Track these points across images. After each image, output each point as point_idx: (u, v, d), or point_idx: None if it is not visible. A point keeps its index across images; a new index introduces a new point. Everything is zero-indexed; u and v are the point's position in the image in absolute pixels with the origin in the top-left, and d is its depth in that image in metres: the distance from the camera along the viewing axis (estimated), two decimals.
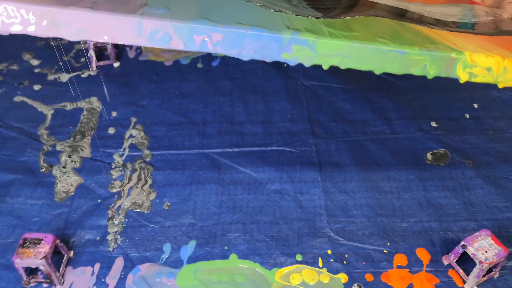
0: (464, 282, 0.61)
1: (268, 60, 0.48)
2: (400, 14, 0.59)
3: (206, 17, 0.45)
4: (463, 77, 0.51)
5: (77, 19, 0.44)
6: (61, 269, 0.62)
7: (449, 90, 0.85)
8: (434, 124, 0.79)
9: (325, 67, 0.48)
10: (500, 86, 0.52)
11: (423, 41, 0.50)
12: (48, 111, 0.83)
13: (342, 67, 0.48)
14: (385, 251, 0.64)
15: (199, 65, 0.89)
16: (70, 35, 0.45)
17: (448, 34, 0.54)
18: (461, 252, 0.60)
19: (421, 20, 0.59)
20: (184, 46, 0.45)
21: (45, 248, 0.59)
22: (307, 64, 0.47)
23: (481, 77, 0.51)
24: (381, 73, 0.49)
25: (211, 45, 0.45)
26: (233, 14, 0.47)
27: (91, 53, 0.88)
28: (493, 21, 0.67)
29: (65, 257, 0.64)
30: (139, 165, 0.75)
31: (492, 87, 0.84)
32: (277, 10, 0.49)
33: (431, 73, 0.50)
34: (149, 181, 0.73)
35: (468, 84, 0.85)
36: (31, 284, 0.62)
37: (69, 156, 0.76)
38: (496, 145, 0.76)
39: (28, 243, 0.60)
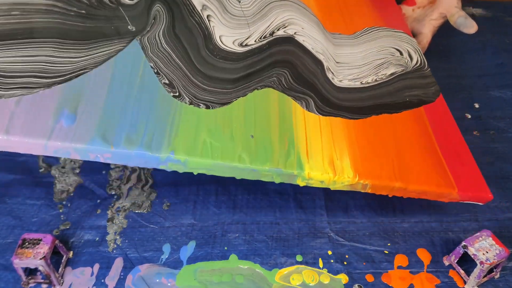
0: (465, 282, 0.60)
1: (149, 167, 0.58)
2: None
3: (102, 137, 0.53)
4: (300, 184, 0.60)
5: None
6: (60, 269, 0.62)
7: (450, 90, 0.85)
8: None
9: (195, 173, 0.58)
10: (332, 189, 0.61)
11: (283, 145, 0.60)
12: None
13: (208, 173, 0.58)
14: (386, 252, 0.64)
15: None
16: None
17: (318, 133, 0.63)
18: (462, 252, 0.60)
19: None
20: (80, 158, 0.54)
21: (44, 248, 0.59)
22: (179, 171, 0.57)
23: (315, 184, 0.60)
24: (239, 178, 0.59)
25: (102, 159, 0.54)
26: (127, 128, 0.55)
27: None
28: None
29: (64, 258, 0.63)
30: None
31: (493, 87, 0.84)
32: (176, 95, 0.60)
33: (276, 181, 0.59)
34: (150, 181, 0.72)
35: (469, 84, 0.86)
36: (30, 285, 0.62)
37: None
38: (497, 145, 0.76)
39: (27, 243, 0.59)
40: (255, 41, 0.67)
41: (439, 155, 0.65)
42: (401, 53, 0.74)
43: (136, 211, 0.69)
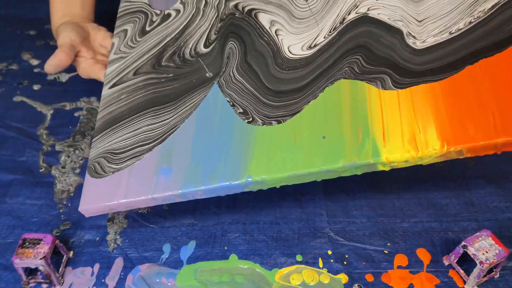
0: (464, 282, 0.60)
1: (237, 192, 0.60)
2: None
3: (191, 180, 0.59)
4: (386, 169, 0.58)
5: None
6: (60, 269, 0.62)
7: None
8: None
9: (277, 186, 0.60)
10: (424, 164, 0.58)
11: (356, 136, 0.58)
12: (47, 111, 0.83)
13: (290, 184, 0.60)
14: (386, 252, 0.64)
15: None
16: None
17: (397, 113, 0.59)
18: (462, 252, 0.60)
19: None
20: (182, 200, 0.61)
21: (44, 248, 0.59)
22: (265, 189, 0.60)
23: (402, 165, 0.57)
24: (320, 180, 0.59)
25: (198, 197, 0.60)
26: (211, 166, 0.60)
27: None
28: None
29: (64, 258, 0.64)
30: None
31: None
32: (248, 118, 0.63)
33: (359, 173, 0.58)
34: None
35: None
36: (31, 285, 0.62)
37: (69, 156, 0.76)
38: None
39: (27, 243, 0.60)
40: (324, 37, 0.66)
41: None
42: None
43: (136, 211, 0.69)
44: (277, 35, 0.68)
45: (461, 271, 0.61)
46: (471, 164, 0.73)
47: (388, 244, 0.65)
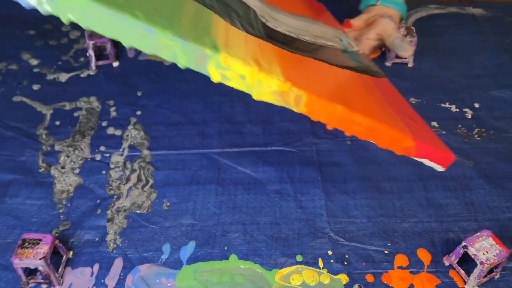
0: (465, 282, 0.60)
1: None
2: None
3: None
4: (214, 77, 0.48)
5: None
6: (60, 269, 0.62)
7: (450, 89, 0.85)
8: (435, 124, 0.79)
9: (64, 21, 0.44)
10: (255, 97, 0.49)
11: (195, 28, 0.47)
12: (47, 111, 0.83)
13: (83, 25, 0.44)
14: (386, 252, 0.64)
15: None
16: None
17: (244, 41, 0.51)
18: (462, 252, 0.60)
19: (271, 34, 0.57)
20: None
21: (44, 248, 0.59)
22: (44, 11, 0.45)
23: (234, 83, 0.48)
24: (128, 46, 0.45)
25: None
26: None
27: (90, 52, 0.88)
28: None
29: (64, 258, 0.63)
30: (139, 165, 0.74)
31: (493, 86, 0.84)
32: None
33: (181, 62, 0.46)
34: (151, 182, 0.72)
35: (469, 84, 0.86)
36: (30, 285, 0.62)
37: (68, 156, 0.76)
38: (497, 145, 0.76)
39: (27, 243, 0.59)
40: None
41: (387, 107, 0.57)
42: (341, 40, 0.68)
43: (136, 211, 0.69)
44: None
45: (462, 272, 0.61)
46: (471, 164, 0.73)
47: (389, 244, 0.65)
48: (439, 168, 0.59)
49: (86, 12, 0.43)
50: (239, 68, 0.47)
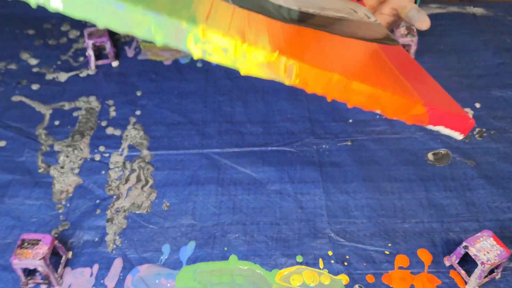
0: (465, 283, 0.60)
1: None
2: None
3: None
4: (195, 53, 0.44)
5: None
6: (59, 270, 0.62)
7: (450, 89, 0.84)
8: None
9: (32, 4, 0.40)
10: (242, 73, 0.45)
11: (173, 7, 0.43)
12: (46, 110, 0.82)
13: (51, 9, 0.41)
14: (387, 252, 0.64)
15: (199, 64, 0.89)
16: None
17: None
18: (463, 253, 0.60)
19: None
20: None
21: (43, 249, 0.59)
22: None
23: (217, 57, 0.44)
24: (102, 27, 0.42)
25: None
26: None
27: (90, 52, 0.87)
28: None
29: (63, 258, 0.63)
30: (138, 165, 0.74)
31: (493, 86, 0.84)
32: None
33: (157, 40, 0.43)
34: (150, 182, 0.72)
35: (470, 84, 0.86)
36: (30, 285, 0.62)
37: (67, 156, 0.76)
38: (498, 145, 0.75)
39: (26, 244, 0.59)
40: None
41: (394, 71, 0.53)
42: (355, 11, 0.67)
43: (136, 212, 0.69)
44: None
45: (462, 272, 0.61)
46: (472, 164, 0.73)
47: (389, 244, 0.64)
48: (458, 135, 0.53)
49: None
50: (220, 40, 0.43)
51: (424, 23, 0.76)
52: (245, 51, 0.44)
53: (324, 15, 0.61)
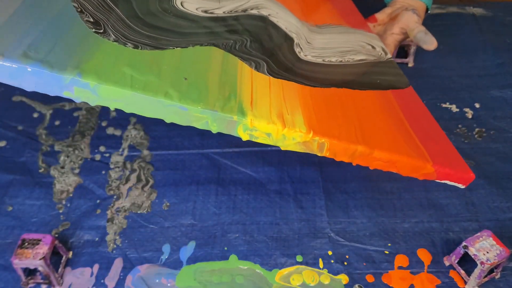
0: (465, 282, 0.60)
1: (51, 94, 0.48)
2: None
3: None
4: (244, 137, 0.53)
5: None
6: (59, 270, 0.62)
7: (450, 89, 0.85)
8: None
9: (111, 108, 0.50)
10: (282, 148, 0.54)
11: (222, 92, 0.52)
12: (46, 110, 0.83)
13: (127, 111, 0.50)
14: (386, 252, 0.64)
15: None
16: None
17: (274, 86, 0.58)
18: (463, 252, 0.60)
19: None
20: None
21: (43, 249, 0.59)
22: (91, 104, 0.49)
23: (261, 139, 0.53)
24: (168, 121, 0.52)
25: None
26: (29, 43, 0.48)
27: None
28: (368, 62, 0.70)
29: (63, 258, 0.63)
30: (139, 165, 0.74)
31: (493, 86, 0.84)
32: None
33: (213, 129, 0.52)
34: (151, 182, 0.72)
35: (469, 84, 0.86)
36: (30, 285, 0.62)
37: (68, 156, 0.76)
38: (498, 145, 0.75)
39: (26, 243, 0.59)
40: (223, 12, 0.64)
41: (409, 131, 0.60)
42: (373, 47, 0.73)
43: (136, 212, 0.69)
44: None
45: (462, 272, 0.61)
46: (472, 164, 0.73)
47: (389, 244, 0.64)
48: (460, 186, 0.61)
49: (127, 101, 0.49)
50: (265, 127, 0.51)
51: (431, 46, 0.80)
52: (285, 134, 0.52)
53: (345, 62, 0.67)
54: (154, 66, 0.52)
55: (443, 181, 0.60)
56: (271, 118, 0.52)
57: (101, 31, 0.53)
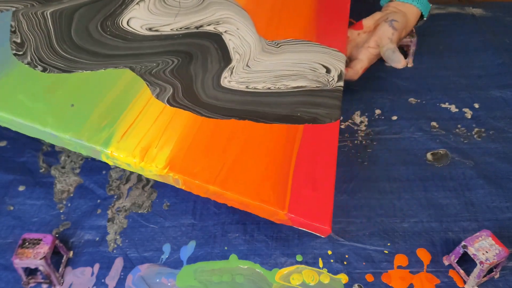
0: (464, 282, 0.60)
1: None
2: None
3: None
4: (109, 162, 0.58)
5: None
6: (60, 269, 0.62)
7: (450, 89, 0.85)
8: (434, 124, 0.79)
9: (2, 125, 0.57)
10: (145, 176, 0.61)
11: (100, 122, 0.57)
12: None
13: (13, 129, 0.57)
14: (386, 252, 0.64)
15: None
16: None
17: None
18: (462, 252, 0.60)
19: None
20: None
21: (44, 248, 0.59)
22: None
23: (124, 167, 0.58)
24: (46, 141, 0.58)
25: None
26: None
27: None
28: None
29: (64, 258, 0.63)
30: None
31: (492, 86, 0.84)
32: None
33: (82, 153, 0.58)
34: (151, 181, 0.72)
35: (469, 84, 0.86)
36: (31, 285, 0.62)
37: (68, 156, 0.76)
38: (497, 145, 0.76)
39: (27, 243, 0.59)
40: (170, 29, 0.66)
41: (287, 174, 0.61)
42: (328, 71, 0.72)
43: (137, 211, 0.69)
44: (132, 8, 0.67)
45: (461, 271, 0.61)
46: (471, 164, 0.73)
47: (388, 244, 0.65)
48: (321, 234, 0.61)
49: (10, 123, 0.56)
50: (124, 159, 0.56)
51: (399, 64, 0.78)
52: (142, 167, 0.56)
53: (274, 90, 0.67)
54: (50, 92, 0.57)
55: (302, 229, 0.61)
56: (134, 151, 0.56)
57: (20, 52, 0.59)
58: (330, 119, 0.68)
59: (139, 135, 0.58)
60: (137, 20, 0.66)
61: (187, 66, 0.65)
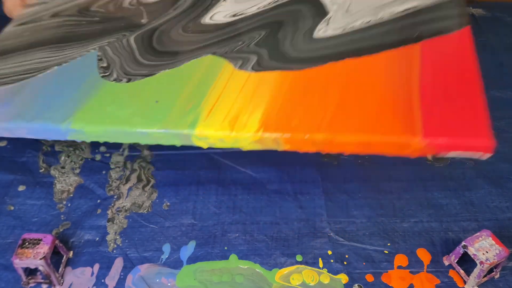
0: (465, 282, 0.60)
1: (58, 139, 0.59)
2: None
3: (19, 115, 0.58)
4: (202, 145, 0.56)
5: None
6: (60, 269, 0.62)
7: None
8: None
9: (101, 141, 0.59)
10: (244, 149, 0.55)
11: (184, 107, 0.57)
12: None
13: (111, 141, 0.58)
14: (386, 252, 0.64)
15: None
16: None
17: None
18: (462, 252, 0.60)
19: None
20: (9, 135, 0.60)
21: (44, 248, 0.59)
22: (86, 140, 0.58)
23: (218, 145, 0.55)
24: (143, 143, 0.57)
25: (23, 134, 0.58)
26: (42, 106, 0.59)
27: None
28: None
29: (64, 258, 0.63)
30: (139, 165, 0.74)
31: (492, 86, 0.84)
32: None
33: (177, 144, 0.56)
34: (152, 181, 0.72)
35: None
36: (30, 285, 0.62)
37: (68, 156, 0.76)
38: (497, 145, 0.75)
39: (27, 243, 0.60)
40: (257, 8, 0.67)
41: (409, 97, 0.54)
42: None
43: (136, 211, 0.69)
44: (219, 4, 0.69)
45: (461, 271, 0.61)
46: (471, 164, 0.73)
47: (388, 244, 0.65)
48: (481, 155, 0.52)
49: (104, 135, 0.57)
50: (214, 135, 0.54)
51: None
52: (235, 137, 0.53)
53: (376, 21, 0.65)
54: (134, 96, 0.59)
55: (453, 155, 0.51)
56: (222, 124, 0.54)
57: (107, 73, 0.62)
58: (458, 26, 0.63)
59: (225, 108, 0.56)
60: (220, 13, 0.67)
61: (275, 35, 0.64)
